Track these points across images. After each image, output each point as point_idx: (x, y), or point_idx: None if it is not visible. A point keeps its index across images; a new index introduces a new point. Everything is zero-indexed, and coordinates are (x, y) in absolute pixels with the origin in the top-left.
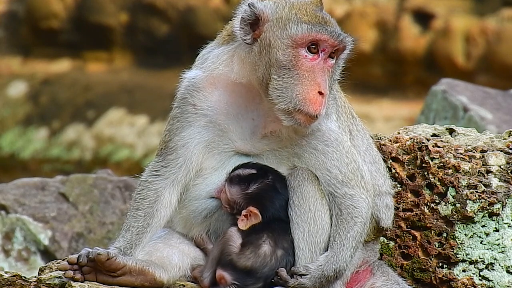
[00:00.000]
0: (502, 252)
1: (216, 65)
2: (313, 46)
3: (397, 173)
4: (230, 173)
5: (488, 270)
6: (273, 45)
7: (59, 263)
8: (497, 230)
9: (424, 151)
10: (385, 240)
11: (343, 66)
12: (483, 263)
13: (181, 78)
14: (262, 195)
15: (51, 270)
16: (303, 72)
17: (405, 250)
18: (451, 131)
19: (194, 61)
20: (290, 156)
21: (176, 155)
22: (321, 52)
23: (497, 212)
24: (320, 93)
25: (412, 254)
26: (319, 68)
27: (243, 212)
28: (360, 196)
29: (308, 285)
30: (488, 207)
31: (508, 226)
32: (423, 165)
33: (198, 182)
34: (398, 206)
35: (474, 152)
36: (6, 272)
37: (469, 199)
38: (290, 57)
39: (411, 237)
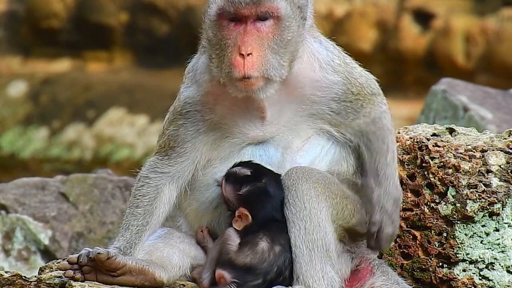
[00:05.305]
0: (502, 251)
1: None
2: (232, 15)
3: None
4: (230, 168)
5: (488, 269)
6: (205, 27)
7: (59, 262)
8: (497, 230)
9: (424, 150)
10: None
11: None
12: (483, 263)
13: (179, 96)
14: (253, 198)
15: (51, 269)
16: (227, 41)
17: (405, 250)
18: (451, 131)
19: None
20: (305, 119)
21: (181, 153)
22: (243, 18)
23: (497, 211)
24: (241, 54)
25: (412, 254)
26: (242, 32)
27: (236, 213)
28: (378, 111)
29: (389, 230)
30: (488, 207)
31: (508, 226)
32: (423, 164)
33: (208, 172)
34: None
35: (474, 152)
36: (6, 272)
37: (469, 199)
38: (216, 31)
39: (411, 236)
